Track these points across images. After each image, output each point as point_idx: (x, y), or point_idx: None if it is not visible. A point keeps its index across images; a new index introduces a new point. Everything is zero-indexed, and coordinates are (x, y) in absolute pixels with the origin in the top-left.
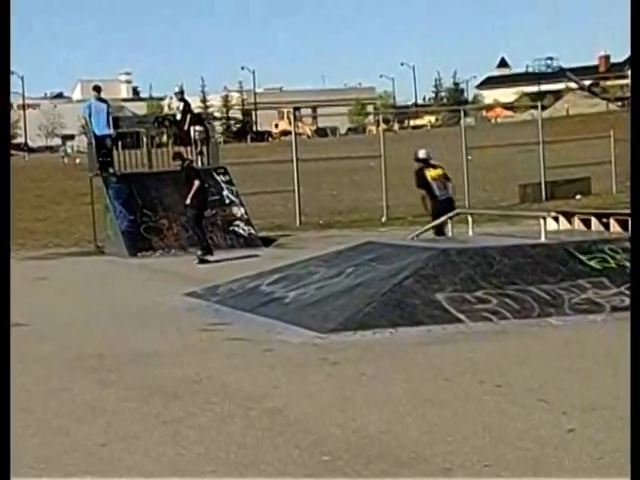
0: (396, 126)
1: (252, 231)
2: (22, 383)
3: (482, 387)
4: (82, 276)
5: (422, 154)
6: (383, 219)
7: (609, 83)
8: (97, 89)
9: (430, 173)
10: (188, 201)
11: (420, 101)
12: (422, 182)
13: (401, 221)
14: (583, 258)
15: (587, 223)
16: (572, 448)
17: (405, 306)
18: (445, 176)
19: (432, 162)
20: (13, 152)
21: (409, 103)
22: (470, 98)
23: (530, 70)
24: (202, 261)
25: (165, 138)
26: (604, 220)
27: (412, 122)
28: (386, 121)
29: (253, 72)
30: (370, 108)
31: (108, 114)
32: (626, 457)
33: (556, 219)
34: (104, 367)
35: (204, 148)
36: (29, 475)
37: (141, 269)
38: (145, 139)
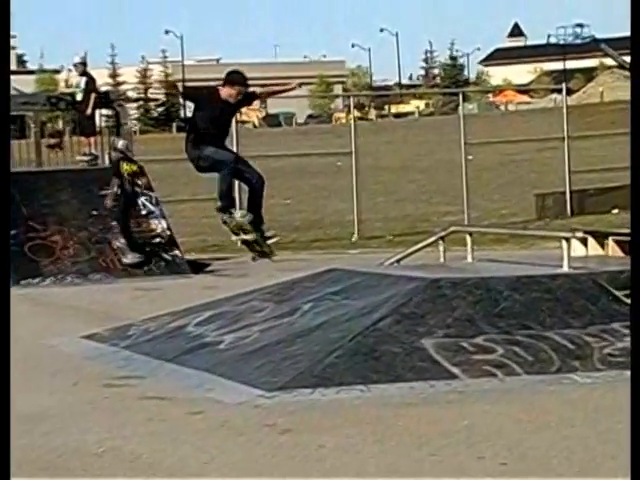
0: (373, 113)
1: (177, 252)
2: None
3: (481, 464)
4: None
5: (121, 145)
6: (353, 238)
7: None
8: None
9: (125, 167)
10: None
11: (405, 81)
12: (116, 173)
13: (378, 241)
14: (619, 294)
15: (625, 247)
16: None
17: (381, 355)
18: (139, 173)
19: (130, 156)
20: None
21: (390, 83)
22: (472, 77)
23: (552, 41)
24: None
25: (60, 125)
26: None
27: (394, 108)
28: (360, 106)
29: (181, 38)
30: (338, 89)
31: None
32: None
33: (584, 241)
34: None
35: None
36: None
37: (25, 302)
38: (33, 126)
